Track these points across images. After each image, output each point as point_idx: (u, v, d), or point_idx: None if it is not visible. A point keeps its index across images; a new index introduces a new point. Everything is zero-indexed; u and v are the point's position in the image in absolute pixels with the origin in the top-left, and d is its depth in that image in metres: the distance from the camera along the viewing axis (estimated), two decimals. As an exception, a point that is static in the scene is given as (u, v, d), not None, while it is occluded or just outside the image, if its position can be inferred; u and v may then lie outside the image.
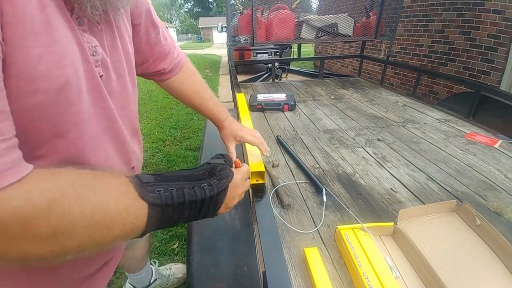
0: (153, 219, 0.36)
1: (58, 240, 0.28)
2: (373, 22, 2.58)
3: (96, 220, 0.30)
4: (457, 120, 1.64)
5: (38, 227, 0.26)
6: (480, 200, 0.92)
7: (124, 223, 0.33)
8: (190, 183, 0.42)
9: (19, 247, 0.26)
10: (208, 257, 0.69)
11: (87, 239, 0.30)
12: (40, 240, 0.26)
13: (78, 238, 0.29)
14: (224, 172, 0.48)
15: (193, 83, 0.77)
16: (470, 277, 0.61)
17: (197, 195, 0.41)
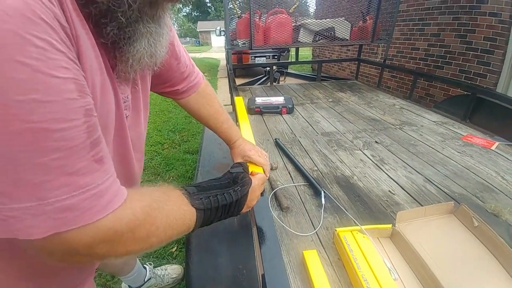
0: (199, 220, 0.48)
1: (149, 239, 0.38)
2: (370, 26, 2.61)
3: (169, 223, 0.41)
4: (453, 123, 1.65)
5: (140, 232, 0.36)
6: (477, 201, 0.93)
7: (183, 224, 0.45)
8: (221, 190, 0.54)
9: (127, 248, 0.36)
10: (207, 260, 0.69)
11: (163, 237, 0.41)
12: (139, 240, 0.37)
13: (159, 236, 0.40)
14: (245, 180, 0.60)
15: (210, 106, 0.84)
16: (468, 279, 0.61)
17: (227, 199, 0.53)
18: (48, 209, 0.28)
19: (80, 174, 0.30)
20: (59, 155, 0.28)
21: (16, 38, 0.24)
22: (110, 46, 0.39)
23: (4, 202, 0.27)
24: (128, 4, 0.35)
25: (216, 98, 0.89)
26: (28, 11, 0.25)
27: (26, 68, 0.25)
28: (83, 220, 0.30)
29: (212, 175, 1.08)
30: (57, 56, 0.27)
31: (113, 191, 0.34)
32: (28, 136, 0.26)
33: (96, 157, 0.32)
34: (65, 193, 0.29)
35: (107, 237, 0.33)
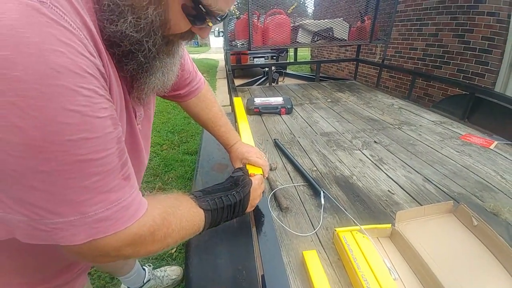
0: (207, 220, 0.54)
1: (165, 240, 0.44)
2: (368, 26, 2.61)
3: (182, 225, 0.47)
4: (452, 122, 1.65)
5: (158, 235, 0.42)
6: (476, 201, 0.93)
7: (194, 225, 0.51)
8: (224, 192, 0.61)
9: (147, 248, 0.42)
10: (207, 261, 0.69)
11: (177, 237, 0.47)
12: (157, 242, 0.43)
13: (174, 237, 0.46)
14: (245, 181, 0.66)
15: (209, 110, 0.87)
16: (468, 278, 0.61)
17: (231, 200, 0.59)
18: (88, 221, 0.34)
19: (113, 191, 0.36)
20: (98, 178, 0.34)
21: (67, 91, 0.29)
22: (129, 78, 0.46)
23: (51, 218, 0.33)
24: (148, 48, 0.41)
25: (216, 102, 0.91)
26: (75, 67, 0.30)
27: (77, 114, 0.30)
28: (115, 228, 0.36)
29: (211, 175, 1.08)
30: (99, 100, 0.33)
31: (137, 202, 0.40)
32: (76, 166, 0.32)
33: (125, 175, 0.38)
34: (101, 207, 0.35)
35: (132, 240, 0.39)
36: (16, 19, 0.27)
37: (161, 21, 0.40)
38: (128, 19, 0.38)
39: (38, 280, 0.50)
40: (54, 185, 0.31)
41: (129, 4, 0.38)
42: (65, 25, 0.30)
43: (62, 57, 0.29)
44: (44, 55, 0.28)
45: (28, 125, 0.28)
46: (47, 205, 0.32)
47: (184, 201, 0.52)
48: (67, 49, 0.29)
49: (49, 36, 0.28)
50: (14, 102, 0.27)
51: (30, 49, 0.27)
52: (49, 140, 0.29)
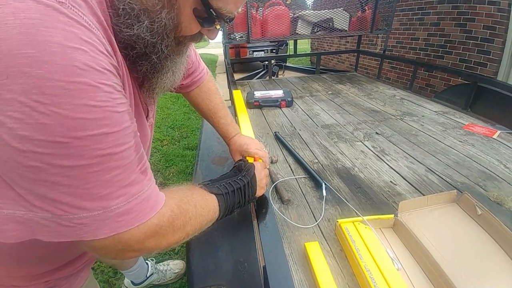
0: (222, 204, 0.56)
1: (185, 228, 0.45)
2: (369, 16, 2.57)
3: (198, 212, 0.48)
4: (455, 112, 1.63)
5: (177, 223, 0.43)
6: (480, 190, 0.92)
7: (209, 210, 0.52)
8: (231, 178, 0.63)
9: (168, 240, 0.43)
10: (208, 254, 0.68)
11: (196, 224, 0.48)
12: (177, 231, 0.43)
13: (192, 224, 0.47)
14: (247, 165, 0.70)
15: (210, 101, 0.87)
16: (472, 267, 0.61)
17: (239, 183, 0.62)
18: (111, 214, 0.34)
19: (133, 184, 0.36)
20: (119, 172, 0.34)
21: (90, 88, 0.30)
22: (141, 78, 0.48)
23: (75, 212, 0.33)
24: (161, 49, 0.43)
25: (218, 93, 0.90)
26: (97, 65, 0.31)
27: (98, 109, 0.31)
28: (138, 220, 0.37)
29: (212, 169, 1.07)
30: (118, 95, 0.34)
31: (156, 194, 0.40)
32: (98, 160, 0.32)
33: (142, 168, 0.39)
34: (123, 201, 0.35)
35: (154, 232, 0.39)
36: (36, 18, 0.27)
37: (174, 24, 0.41)
38: (144, 23, 0.39)
39: (41, 273, 0.50)
40: (77, 179, 0.32)
41: (143, 8, 0.38)
42: (85, 24, 0.31)
43: (84, 55, 0.30)
44: (67, 53, 0.28)
45: (51, 121, 0.29)
46: (71, 200, 0.32)
47: (196, 190, 0.53)
48: (88, 47, 0.30)
49: (71, 34, 0.29)
50: (38, 100, 0.28)
51: (53, 47, 0.28)
52: (72, 135, 0.30)
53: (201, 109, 0.88)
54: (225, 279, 0.62)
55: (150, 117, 0.58)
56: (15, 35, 0.26)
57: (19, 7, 0.27)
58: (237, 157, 0.87)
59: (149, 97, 0.53)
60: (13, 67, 0.26)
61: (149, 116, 0.56)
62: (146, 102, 0.54)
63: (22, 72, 0.27)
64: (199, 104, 0.87)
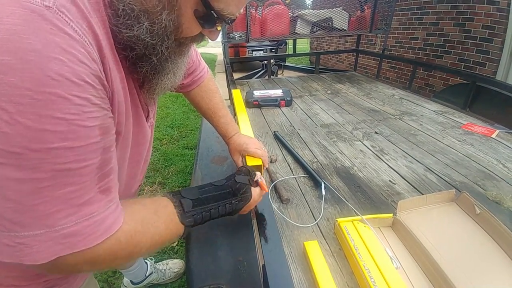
0: (186, 232, 0.51)
1: (130, 257, 0.42)
2: (368, 15, 2.57)
3: (153, 242, 0.44)
4: (453, 112, 1.64)
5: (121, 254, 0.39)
6: (479, 189, 0.92)
7: (169, 240, 0.49)
8: (218, 203, 0.56)
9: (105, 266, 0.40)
10: (207, 253, 0.68)
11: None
12: (119, 259, 0.40)
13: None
14: (245, 195, 0.61)
15: (210, 100, 0.87)
16: (470, 265, 0.61)
17: (219, 212, 0.56)
18: (55, 235, 0.32)
19: (86, 204, 0.34)
20: (73, 189, 0.32)
21: (60, 99, 0.29)
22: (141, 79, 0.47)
23: (17, 230, 0.31)
24: (161, 51, 0.42)
25: (218, 92, 0.90)
26: (73, 76, 0.30)
27: (64, 122, 0.30)
28: (84, 244, 0.34)
29: (211, 168, 1.07)
30: (91, 108, 0.32)
31: (112, 217, 0.37)
32: (51, 175, 0.30)
33: (103, 188, 0.36)
34: (71, 221, 0.33)
35: (91, 259, 0.36)
36: (19, 24, 0.27)
37: (174, 26, 0.41)
38: (144, 25, 0.38)
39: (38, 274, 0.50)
40: (26, 194, 0.30)
41: (143, 9, 0.38)
42: (70, 32, 0.30)
43: (61, 65, 0.29)
44: (43, 62, 0.28)
45: (13, 131, 0.28)
46: (14, 216, 0.31)
47: (164, 215, 0.48)
48: (67, 57, 0.29)
49: (51, 43, 0.28)
50: (5, 108, 0.27)
51: (30, 56, 0.27)
52: (30, 147, 0.29)
53: (201, 108, 0.88)
54: (225, 278, 0.62)
55: (151, 118, 0.57)
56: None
57: (4, 12, 0.27)
58: (236, 156, 0.86)
59: (149, 98, 0.52)
60: None
61: (149, 117, 0.55)
62: (147, 102, 0.53)
63: None
64: (199, 103, 0.87)
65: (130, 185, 0.59)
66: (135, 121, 0.49)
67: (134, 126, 0.49)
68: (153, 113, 0.59)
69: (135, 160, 0.57)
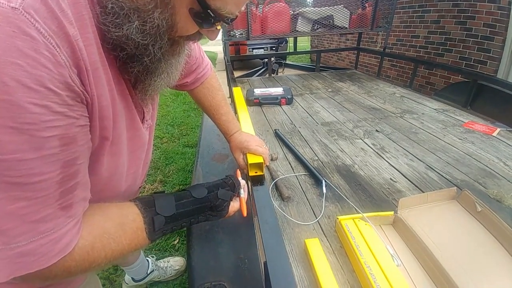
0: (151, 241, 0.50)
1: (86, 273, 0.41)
2: (369, 13, 2.56)
3: (113, 257, 0.42)
4: (455, 110, 1.63)
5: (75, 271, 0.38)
6: (480, 187, 0.92)
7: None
8: (191, 217, 0.55)
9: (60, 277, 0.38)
10: (208, 250, 0.69)
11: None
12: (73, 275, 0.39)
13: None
14: (222, 212, 0.61)
15: (212, 98, 0.87)
16: (471, 263, 0.61)
17: (191, 223, 0.55)
18: (10, 254, 0.31)
19: (43, 221, 0.32)
20: (26, 204, 0.30)
21: (13, 107, 0.27)
22: (133, 80, 0.45)
23: None
24: (154, 52, 0.40)
25: (221, 90, 0.91)
26: (31, 81, 0.27)
27: (16, 131, 0.28)
28: (39, 264, 0.33)
29: (212, 166, 1.07)
30: (51, 117, 0.30)
31: (71, 234, 0.36)
32: (1, 188, 0.29)
33: (64, 204, 0.34)
34: (26, 239, 0.31)
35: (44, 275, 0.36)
36: None
37: (168, 25, 0.39)
38: (134, 24, 0.36)
39: None
40: None
41: (134, 7, 0.36)
42: (33, 34, 0.28)
43: (18, 70, 0.27)
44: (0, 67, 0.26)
45: None
46: None
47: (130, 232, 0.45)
48: (27, 61, 0.27)
49: (10, 47, 0.26)
50: None
51: None
52: None
53: (203, 105, 0.88)
54: (226, 276, 0.62)
55: (147, 119, 0.55)
56: None
57: None
58: (237, 153, 0.87)
59: (142, 99, 0.50)
60: None
61: (145, 118, 0.53)
62: (142, 103, 0.51)
63: None
64: (201, 100, 0.87)
65: (128, 189, 0.59)
66: (129, 125, 0.47)
67: (128, 130, 0.47)
68: (151, 114, 0.57)
69: (135, 165, 0.56)
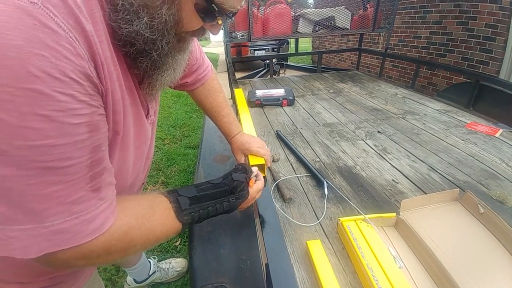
0: (183, 230, 0.51)
1: (126, 253, 0.43)
2: (371, 14, 2.56)
3: (148, 239, 0.44)
4: (457, 111, 1.63)
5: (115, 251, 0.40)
6: (482, 189, 0.92)
7: (165, 237, 0.48)
8: (215, 201, 0.56)
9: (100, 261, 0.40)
10: (210, 252, 0.69)
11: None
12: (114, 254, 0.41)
13: (137, 249, 0.44)
14: (242, 193, 0.60)
15: (213, 99, 0.87)
16: (474, 265, 0.61)
17: (217, 210, 0.56)
18: (44, 231, 0.33)
19: (76, 203, 0.34)
20: (60, 187, 0.32)
21: (41, 96, 0.29)
22: (141, 75, 0.47)
23: (9, 223, 0.32)
24: (161, 46, 0.42)
25: (222, 91, 0.91)
26: (56, 72, 0.29)
27: (46, 119, 0.29)
28: (72, 242, 0.35)
29: (213, 167, 1.07)
30: (77, 105, 0.32)
31: (103, 216, 0.38)
32: (36, 172, 0.31)
33: (95, 187, 0.36)
34: (60, 218, 0.33)
35: (84, 256, 0.37)
36: (3, 20, 0.26)
37: (175, 21, 0.40)
38: (144, 20, 0.38)
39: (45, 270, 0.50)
40: (12, 190, 0.30)
41: (143, 4, 0.37)
42: (54, 27, 0.29)
43: (43, 60, 0.28)
44: (24, 58, 0.27)
45: None
46: (5, 210, 0.31)
47: (160, 211, 0.48)
48: (50, 52, 0.29)
49: (34, 39, 0.28)
50: None
51: (11, 52, 0.27)
52: (12, 144, 0.29)
53: (204, 107, 0.88)
54: (228, 277, 0.62)
55: (151, 115, 0.57)
56: None
57: None
58: (239, 155, 0.87)
59: (149, 94, 0.52)
60: None
61: (149, 114, 0.55)
62: (147, 99, 0.53)
63: None
64: (202, 101, 0.87)
65: (133, 184, 0.60)
66: (136, 121, 0.49)
67: (135, 126, 0.49)
68: (154, 110, 0.59)
69: (139, 160, 0.57)
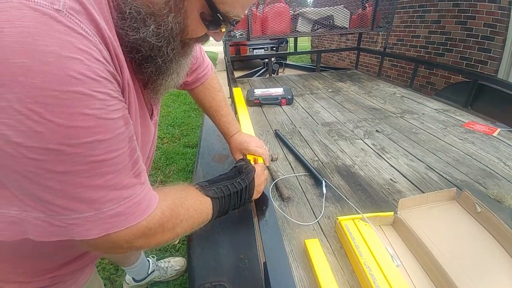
0: (215, 208, 0.57)
1: (175, 230, 0.47)
2: (369, 13, 2.56)
3: (190, 214, 0.50)
4: (455, 110, 1.63)
5: (168, 225, 0.45)
6: (480, 188, 0.92)
7: (201, 213, 0.53)
8: (229, 181, 0.63)
9: (157, 239, 0.44)
10: (209, 251, 0.69)
11: (187, 226, 0.49)
12: (167, 232, 0.45)
13: (183, 227, 0.48)
14: (248, 168, 0.69)
15: (212, 98, 0.88)
16: (471, 264, 0.61)
17: (237, 187, 0.62)
18: (102, 216, 0.36)
19: (125, 189, 0.38)
20: (111, 176, 0.36)
21: (84, 96, 0.31)
22: (146, 79, 0.48)
23: (68, 214, 0.34)
24: (167, 53, 0.43)
25: (221, 90, 0.91)
26: (92, 73, 0.31)
27: (92, 117, 0.32)
28: (128, 222, 0.38)
29: (212, 166, 1.07)
30: (113, 102, 0.34)
31: (148, 198, 0.42)
32: (90, 166, 0.33)
33: (136, 173, 0.40)
34: (114, 203, 0.37)
35: (143, 233, 0.41)
36: (32, 26, 0.27)
37: (180, 28, 0.42)
38: (150, 27, 0.39)
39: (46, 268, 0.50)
40: (69, 184, 0.33)
41: (150, 12, 0.39)
42: (82, 32, 0.31)
43: (79, 64, 0.30)
44: (62, 62, 0.29)
45: (46, 130, 0.29)
46: (63, 202, 0.34)
47: (190, 191, 0.54)
48: (84, 56, 0.30)
49: (67, 44, 0.29)
50: (32, 109, 0.28)
51: (48, 57, 0.28)
52: (66, 143, 0.31)
53: (203, 106, 0.89)
54: (226, 276, 0.62)
55: (155, 115, 0.59)
56: (10, 43, 0.26)
57: (15, 15, 0.27)
58: (237, 155, 0.87)
59: (153, 97, 0.54)
60: (8, 76, 0.27)
61: (153, 115, 0.57)
62: (151, 101, 0.54)
63: (17, 81, 0.27)
64: (201, 100, 0.88)
65: None
66: (141, 122, 0.50)
67: (141, 126, 0.50)
68: (157, 111, 0.61)
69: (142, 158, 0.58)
